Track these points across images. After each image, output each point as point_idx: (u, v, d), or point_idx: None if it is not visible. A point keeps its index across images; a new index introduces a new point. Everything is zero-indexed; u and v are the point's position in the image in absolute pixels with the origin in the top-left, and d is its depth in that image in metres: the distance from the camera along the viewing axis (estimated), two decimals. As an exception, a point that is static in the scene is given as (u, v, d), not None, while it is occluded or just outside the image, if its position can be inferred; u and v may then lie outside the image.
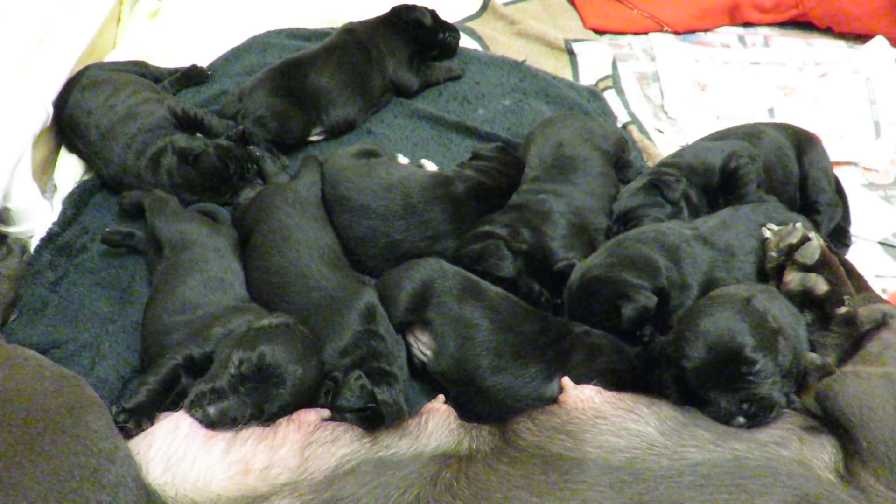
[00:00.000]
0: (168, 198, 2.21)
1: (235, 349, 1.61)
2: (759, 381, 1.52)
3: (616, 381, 1.72)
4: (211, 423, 1.53)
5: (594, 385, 1.66)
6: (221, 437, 1.51)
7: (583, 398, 1.60)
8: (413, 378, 1.94)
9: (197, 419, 1.53)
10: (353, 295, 1.91)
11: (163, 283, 1.96)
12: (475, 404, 1.86)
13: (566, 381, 1.69)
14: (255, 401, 1.58)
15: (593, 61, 3.18)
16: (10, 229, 2.25)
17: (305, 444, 1.53)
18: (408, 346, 1.94)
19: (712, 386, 1.54)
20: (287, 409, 1.63)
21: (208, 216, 2.25)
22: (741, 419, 1.52)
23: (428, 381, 1.96)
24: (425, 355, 1.91)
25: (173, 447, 1.46)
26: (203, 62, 2.90)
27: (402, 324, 1.92)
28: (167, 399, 1.68)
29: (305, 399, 1.67)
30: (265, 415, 1.59)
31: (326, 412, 1.67)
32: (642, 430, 1.49)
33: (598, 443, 1.46)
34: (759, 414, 1.51)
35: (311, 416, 1.62)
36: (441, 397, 1.83)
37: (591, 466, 1.40)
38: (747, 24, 3.50)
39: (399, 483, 1.43)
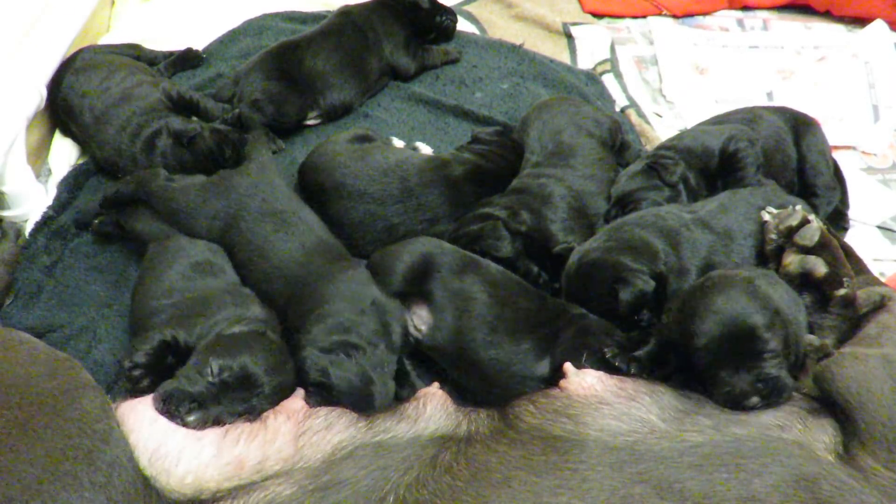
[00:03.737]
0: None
1: (212, 356, 1.58)
2: (770, 361, 1.52)
3: (604, 363, 1.70)
4: (188, 427, 1.49)
5: (594, 370, 1.66)
6: (210, 437, 1.47)
7: (585, 385, 1.59)
8: (411, 360, 1.93)
9: (174, 423, 1.48)
10: (338, 274, 1.90)
11: (149, 270, 1.94)
12: (468, 380, 1.86)
13: (568, 366, 1.68)
14: (237, 409, 1.55)
15: (591, 45, 3.17)
16: (5, 213, 2.24)
17: (299, 433, 1.52)
18: None
19: (724, 364, 1.53)
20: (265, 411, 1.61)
21: None
22: (755, 399, 1.50)
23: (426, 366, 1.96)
24: (419, 331, 1.91)
25: (153, 442, 1.42)
26: (198, 45, 2.88)
27: (399, 295, 1.90)
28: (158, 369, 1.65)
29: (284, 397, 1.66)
30: (244, 419, 1.57)
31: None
32: (644, 416, 1.49)
33: (599, 426, 1.46)
34: (773, 394, 1.50)
35: (296, 403, 1.61)
36: (436, 384, 1.82)
37: (592, 447, 1.40)
38: (746, 8, 3.48)
39: (398, 465, 1.43)
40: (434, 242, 1.99)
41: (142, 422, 1.45)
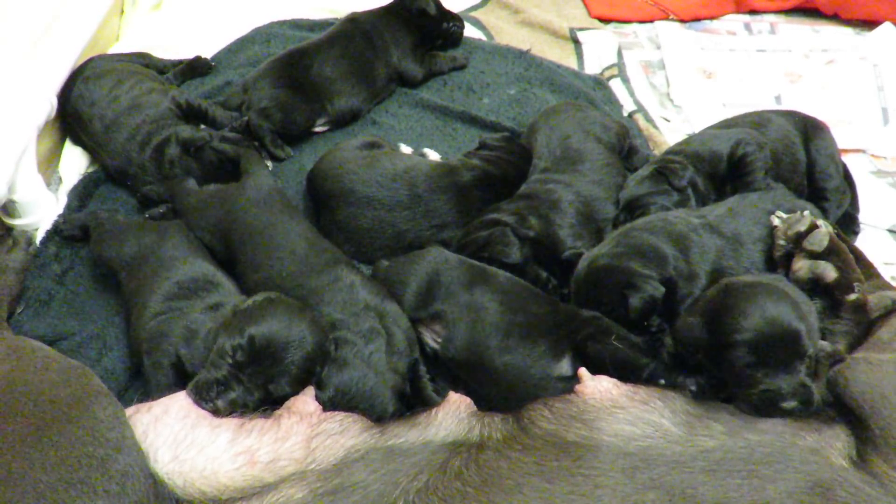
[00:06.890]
0: (105, 220, 2.14)
1: (225, 336, 1.60)
2: (805, 368, 1.50)
3: (624, 361, 1.71)
4: (220, 413, 1.53)
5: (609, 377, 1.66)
6: (226, 427, 1.50)
7: (601, 389, 1.59)
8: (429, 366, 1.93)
9: (207, 410, 1.53)
10: (330, 285, 1.89)
11: (139, 298, 1.90)
12: (486, 388, 1.85)
13: (583, 371, 1.68)
14: (259, 383, 1.57)
15: (598, 50, 3.18)
16: (16, 222, 2.25)
17: (312, 435, 1.52)
18: (418, 335, 1.93)
19: (764, 364, 1.50)
20: (297, 383, 1.62)
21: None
22: (793, 403, 1.47)
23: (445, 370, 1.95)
24: (437, 342, 1.91)
25: (181, 434, 1.46)
26: (207, 53, 2.90)
27: (412, 320, 1.92)
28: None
29: (313, 366, 1.66)
30: (275, 395, 1.59)
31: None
32: (657, 420, 1.48)
33: (613, 431, 1.46)
34: (807, 403, 1.48)
35: (310, 406, 1.61)
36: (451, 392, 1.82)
37: (605, 453, 1.40)
38: (753, 12, 3.49)
39: (408, 470, 1.43)
40: (439, 257, 1.99)
41: (175, 416, 1.50)
